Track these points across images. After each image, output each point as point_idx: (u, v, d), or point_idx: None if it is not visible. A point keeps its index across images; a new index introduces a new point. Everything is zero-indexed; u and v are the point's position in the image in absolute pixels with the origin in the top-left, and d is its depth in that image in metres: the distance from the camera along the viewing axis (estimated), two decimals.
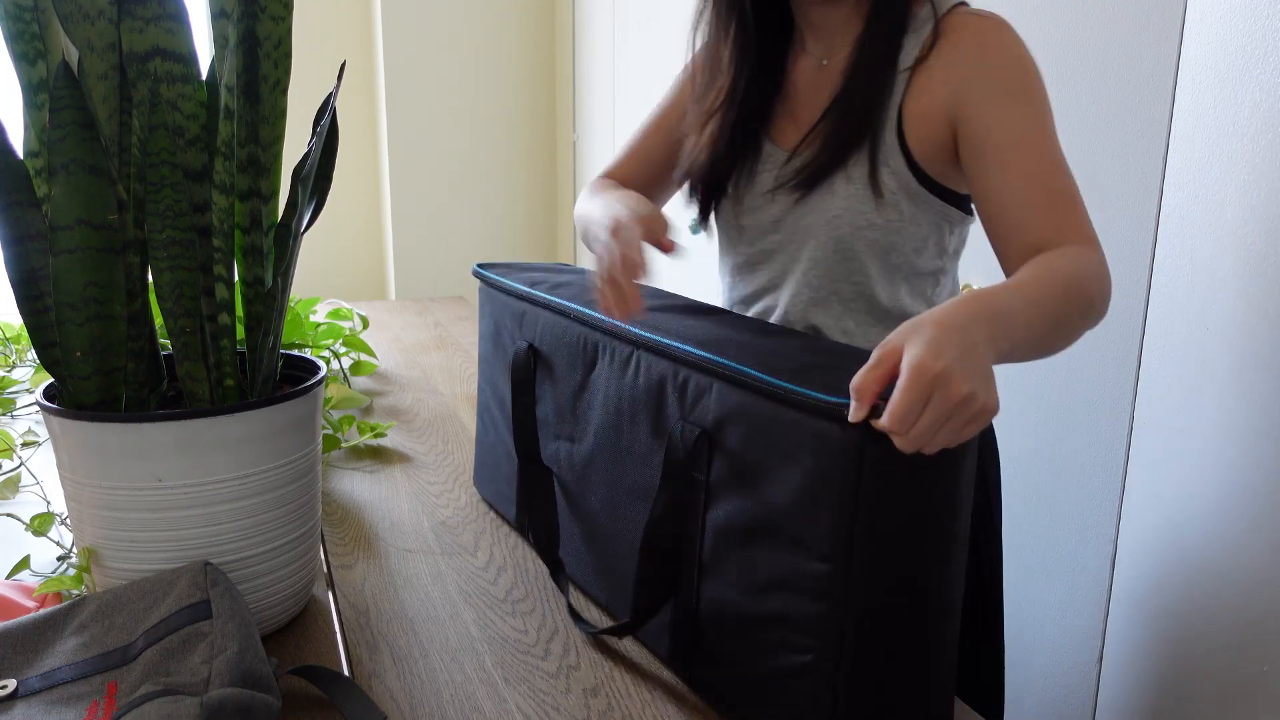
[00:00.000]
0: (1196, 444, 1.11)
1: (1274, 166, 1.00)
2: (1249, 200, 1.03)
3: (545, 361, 0.87)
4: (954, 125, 0.86)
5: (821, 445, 0.56)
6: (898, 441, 0.53)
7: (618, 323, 0.75)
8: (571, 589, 0.84)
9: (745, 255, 1.00)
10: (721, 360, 0.64)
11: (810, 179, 0.91)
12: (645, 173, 1.06)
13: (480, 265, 1.02)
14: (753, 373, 0.61)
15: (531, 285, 0.91)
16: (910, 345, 0.55)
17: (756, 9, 0.94)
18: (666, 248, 0.76)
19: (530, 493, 0.88)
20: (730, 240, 1.02)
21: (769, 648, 0.61)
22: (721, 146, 0.96)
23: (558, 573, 0.84)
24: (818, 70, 0.95)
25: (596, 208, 0.86)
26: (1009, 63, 0.84)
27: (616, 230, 0.75)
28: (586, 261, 3.38)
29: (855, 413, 0.54)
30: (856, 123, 0.88)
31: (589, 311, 0.80)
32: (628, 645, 0.75)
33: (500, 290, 0.96)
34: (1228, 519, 1.07)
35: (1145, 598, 1.19)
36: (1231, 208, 1.05)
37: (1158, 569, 1.17)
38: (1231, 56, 1.04)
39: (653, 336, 0.71)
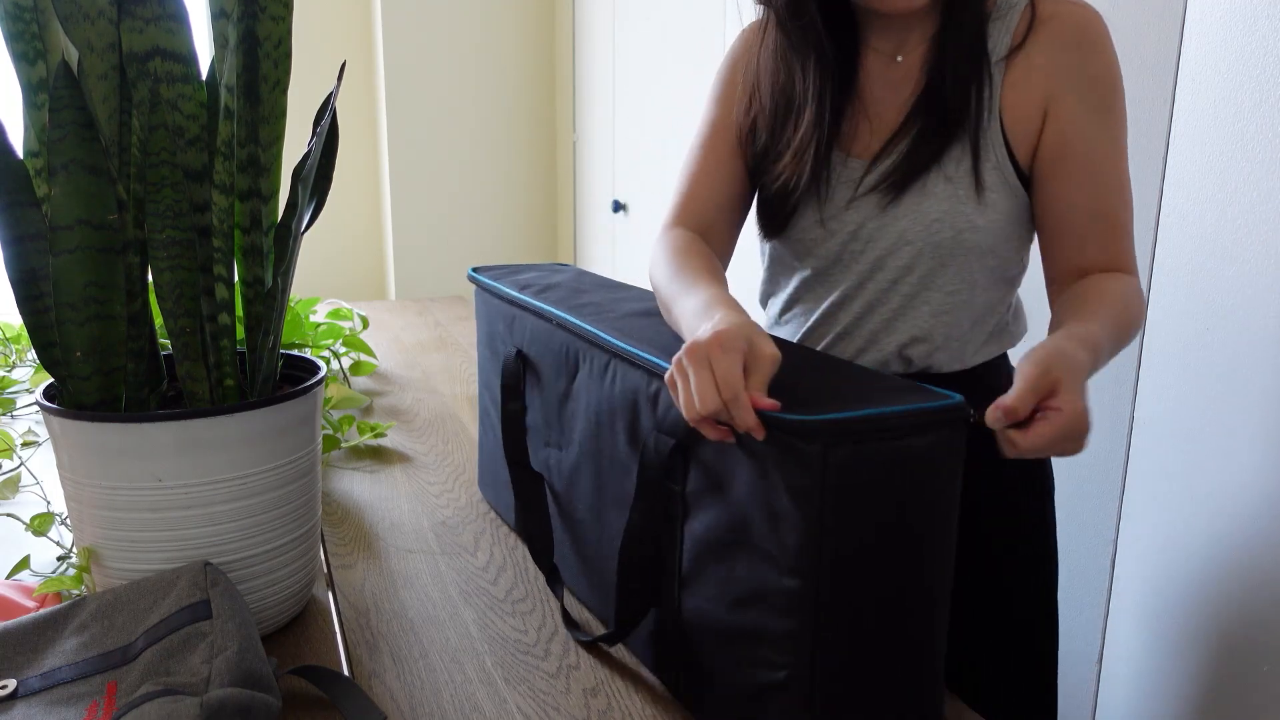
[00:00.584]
0: (1197, 444, 1.11)
1: (1275, 166, 1.00)
2: (1250, 200, 1.03)
3: (533, 367, 0.86)
4: (1049, 119, 0.83)
5: (785, 459, 0.55)
6: (1010, 450, 0.60)
7: (597, 331, 0.74)
8: (567, 593, 0.84)
9: (814, 268, 0.93)
10: None
11: (902, 180, 0.85)
12: (719, 213, 0.95)
13: (475, 269, 1.02)
14: None
15: (522, 289, 0.90)
16: (1069, 388, 0.60)
17: (827, 24, 0.87)
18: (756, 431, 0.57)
19: (524, 499, 0.88)
20: (797, 254, 0.94)
21: (745, 662, 0.60)
22: (805, 169, 0.89)
23: (552, 579, 0.84)
24: (890, 68, 0.89)
25: (692, 304, 0.71)
26: (1105, 71, 0.82)
27: (718, 354, 0.58)
28: (584, 262, 3.38)
29: (996, 421, 0.59)
30: (954, 116, 0.84)
31: (571, 318, 0.78)
32: (623, 648, 0.75)
33: (492, 295, 0.96)
34: (1228, 519, 1.07)
35: (1145, 598, 1.19)
36: (1232, 207, 1.05)
37: (1158, 569, 1.17)
38: (1232, 56, 1.04)
39: (626, 346, 0.70)
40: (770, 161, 0.92)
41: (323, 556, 0.91)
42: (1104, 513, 1.24)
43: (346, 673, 0.71)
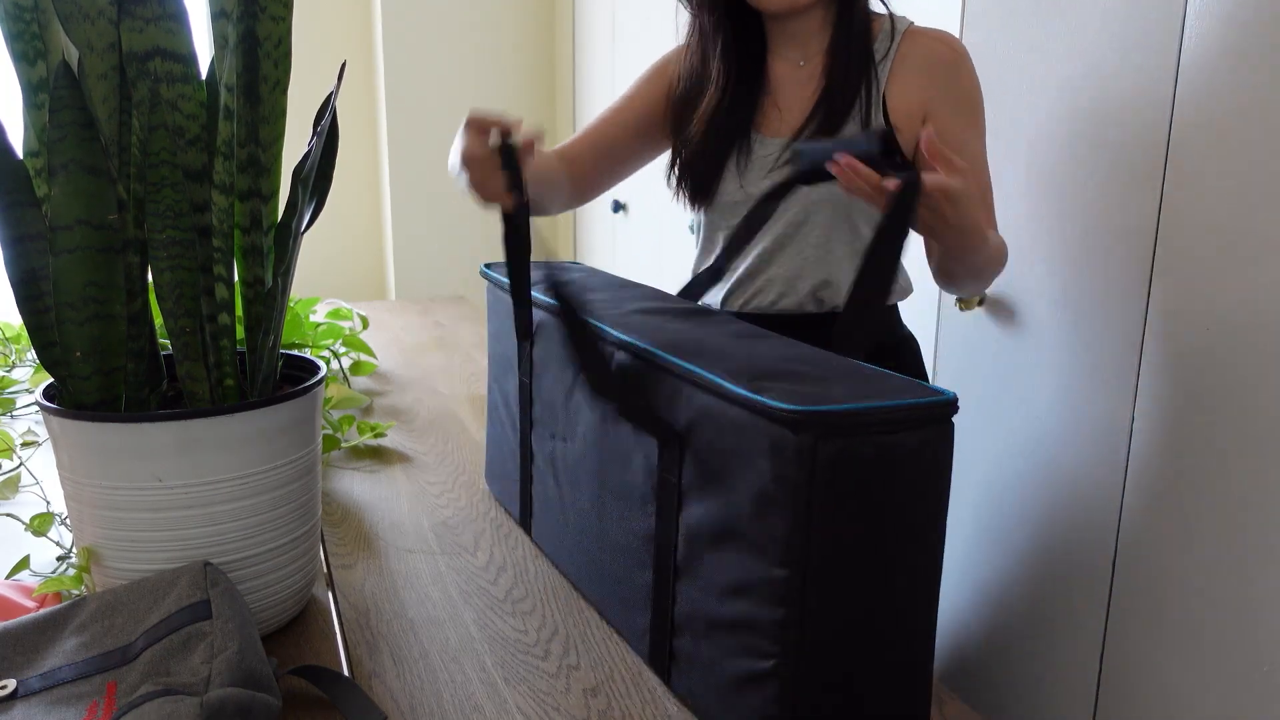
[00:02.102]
0: (1198, 444, 1.11)
1: (1276, 165, 1.00)
2: (1251, 200, 1.03)
3: (542, 360, 0.88)
4: (924, 123, 1.06)
5: (775, 450, 0.56)
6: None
7: (602, 325, 0.76)
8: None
9: (738, 229, 1.09)
10: (688, 365, 0.64)
11: None
12: (597, 157, 1.20)
13: (488, 265, 1.03)
14: (713, 378, 0.61)
15: (532, 285, 0.91)
16: (957, 170, 0.81)
17: (735, 25, 1.11)
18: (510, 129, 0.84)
19: (529, 491, 0.90)
20: (725, 216, 1.15)
21: (735, 652, 0.61)
22: (712, 141, 1.12)
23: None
24: (796, 70, 1.12)
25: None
26: (971, 88, 1.07)
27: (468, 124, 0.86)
28: (585, 261, 3.38)
29: (928, 136, 0.80)
30: (847, 106, 1.07)
31: (580, 313, 0.80)
32: (622, 645, 0.75)
33: (503, 290, 0.98)
34: (1229, 519, 1.07)
35: (1146, 598, 1.19)
36: (1233, 207, 1.05)
37: (1159, 569, 1.17)
38: (1233, 55, 1.04)
39: (629, 339, 0.72)
40: (687, 132, 1.14)
41: (323, 557, 0.91)
42: (1105, 513, 1.24)
43: (346, 673, 0.71)
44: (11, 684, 0.58)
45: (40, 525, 0.87)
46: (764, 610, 0.58)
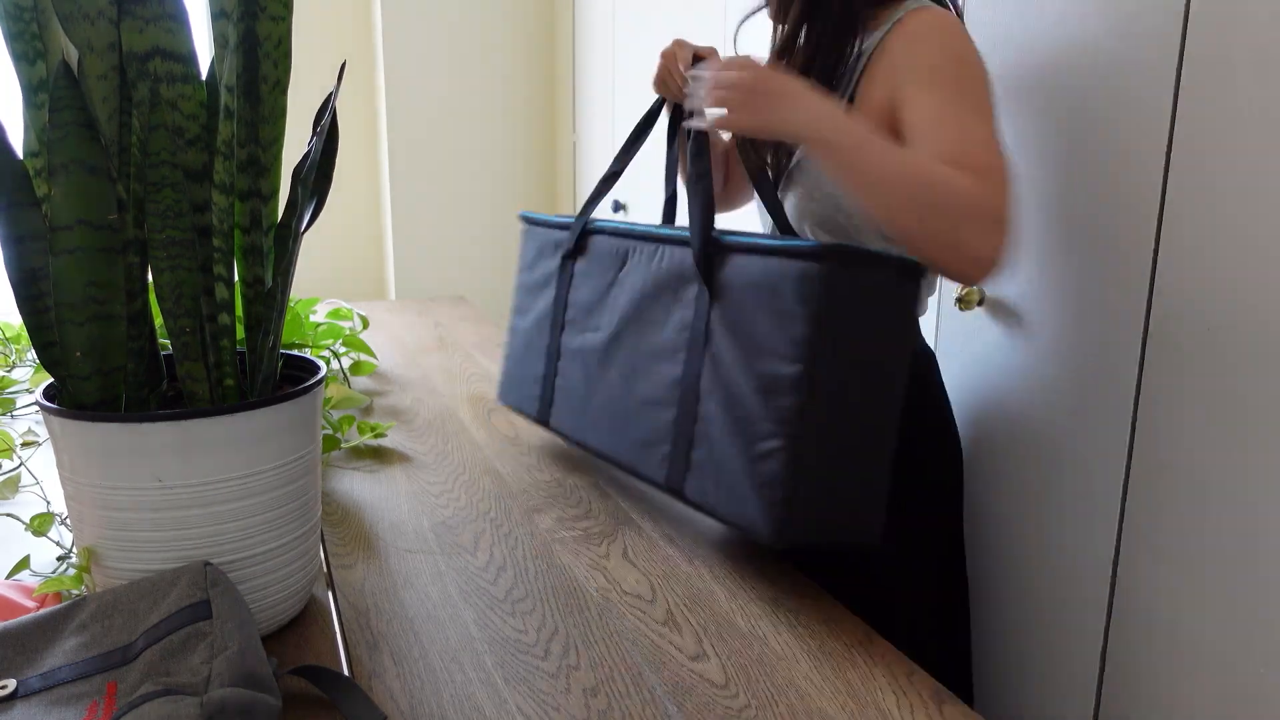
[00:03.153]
0: (1199, 444, 1.11)
1: (1278, 165, 1.00)
2: (1253, 200, 1.03)
3: (583, 271, 1.10)
4: (896, 112, 0.99)
5: (801, 277, 0.79)
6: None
7: (648, 228, 0.99)
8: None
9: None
10: (730, 238, 0.88)
11: (789, 154, 1.14)
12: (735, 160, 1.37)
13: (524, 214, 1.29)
14: (752, 240, 0.85)
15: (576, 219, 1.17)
16: (754, 68, 0.92)
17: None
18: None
19: (553, 385, 1.13)
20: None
21: (747, 443, 0.81)
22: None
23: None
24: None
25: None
26: (934, 54, 0.96)
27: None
28: None
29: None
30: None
31: (624, 225, 1.05)
32: (622, 645, 0.75)
33: (542, 225, 1.22)
34: (1231, 519, 1.08)
35: (1147, 598, 1.19)
36: (1235, 207, 1.05)
37: (1160, 569, 1.17)
38: (1235, 53, 1.04)
39: (675, 233, 0.95)
40: None
41: (323, 557, 0.91)
42: (1106, 513, 1.24)
43: (346, 673, 0.71)
44: (11, 684, 0.58)
45: (40, 525, 0.87)
46: (777, 401, 0.80)
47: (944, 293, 1.48)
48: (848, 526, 0.83)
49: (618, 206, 3.04)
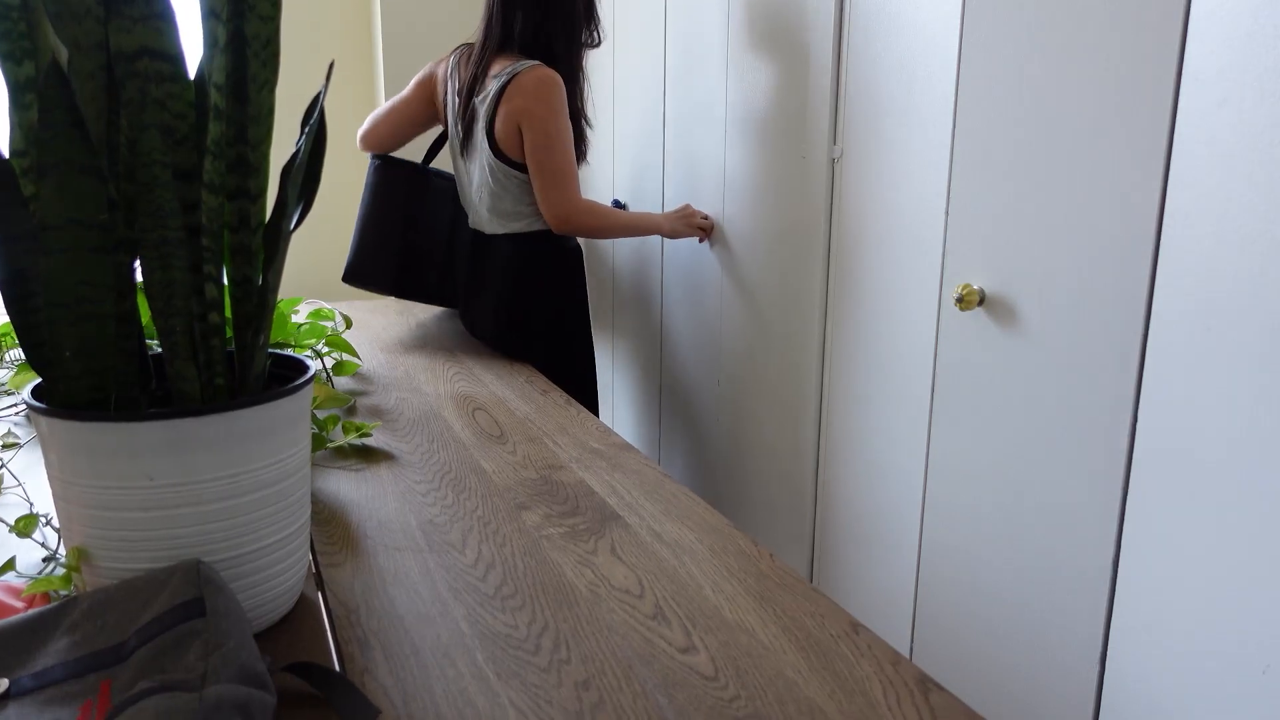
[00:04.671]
0: (1200, 444, 1.12)
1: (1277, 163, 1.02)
2: (1254, 199, 1.04)
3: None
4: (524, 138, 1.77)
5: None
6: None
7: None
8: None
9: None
10: None
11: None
12: (404, 125, 2.02)
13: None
14: None
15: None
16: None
17: None
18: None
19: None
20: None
21: None
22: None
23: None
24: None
25: (645, 217, 2.09)
26: (543, 108, 1.72)
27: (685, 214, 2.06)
28: (588, 254, 3.36)
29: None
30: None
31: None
32: (612, 639, 0.76)
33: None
34: (1230, 520, 1.09)
35: (1147, 599, 1.20)
36: (1236, 207, 1.06)
37: (1160, 570, 1.19)
38: (1236, 52, 1.05)
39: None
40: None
41: (310, 555, 0.91)
42: (1106, 514, 1.25)
43: (338, 669, 0.71)
44: (4, 683, 0.58)
45: (25, 527, 0.87)
46: None
47: (944, 293, 1.49)
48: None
49: (617, 206, 3.05)
